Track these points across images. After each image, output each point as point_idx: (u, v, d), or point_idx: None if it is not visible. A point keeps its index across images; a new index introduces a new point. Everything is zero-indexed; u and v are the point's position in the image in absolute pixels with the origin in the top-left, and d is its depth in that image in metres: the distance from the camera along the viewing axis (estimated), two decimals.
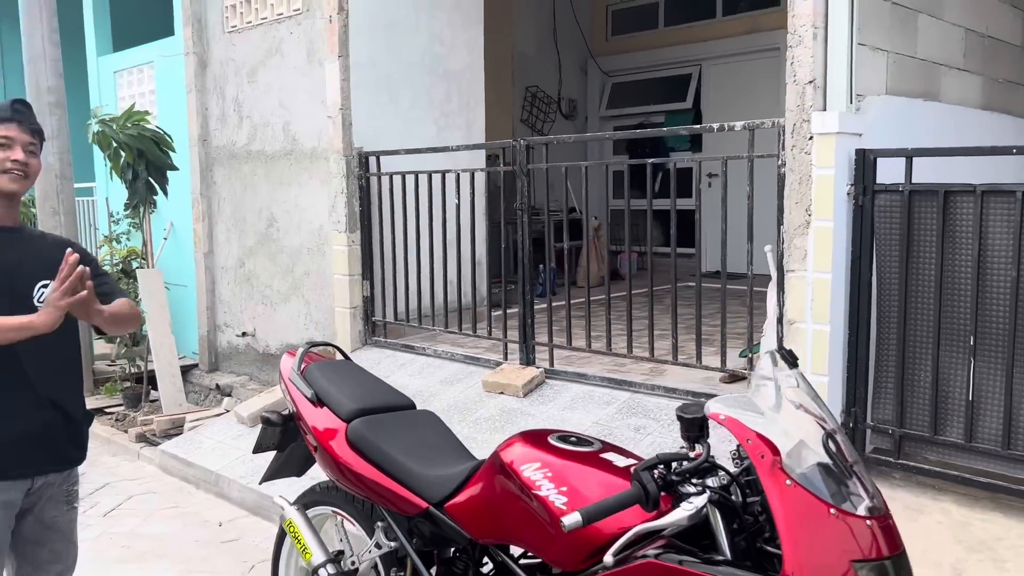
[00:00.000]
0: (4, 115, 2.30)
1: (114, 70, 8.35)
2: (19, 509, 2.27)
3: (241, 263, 6.91)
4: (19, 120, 2.31)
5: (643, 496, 1.64)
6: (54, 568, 2.41)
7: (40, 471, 2.29)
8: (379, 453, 2.33)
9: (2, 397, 2.22)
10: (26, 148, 2.31)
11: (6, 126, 2.29)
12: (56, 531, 2.39)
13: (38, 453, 2.28)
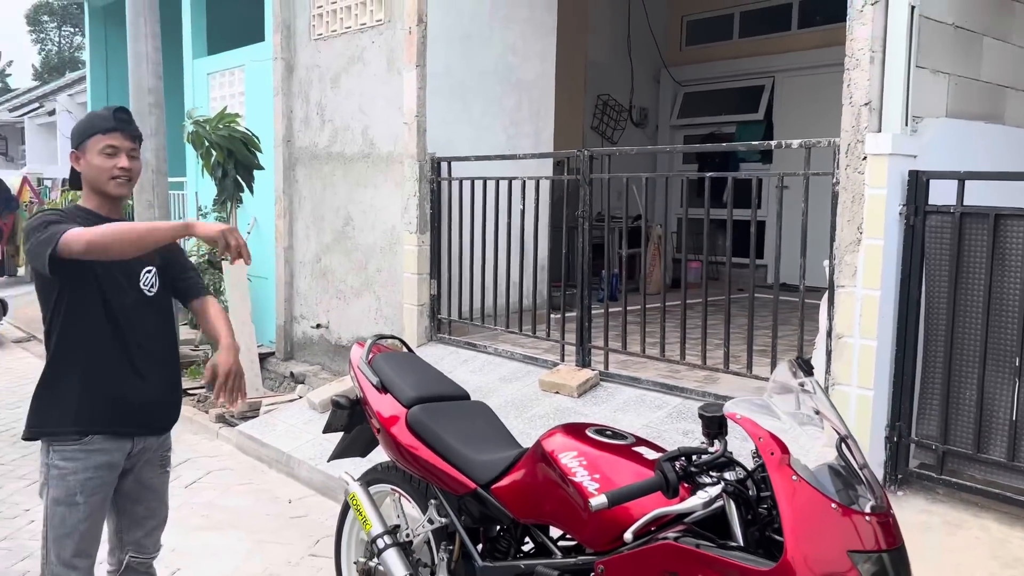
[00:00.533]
0: (108, 125, 2.46)
1: (207, 72, 8.86)
2: (121, 469, 2.51)
3: (318, 258, 7.28)
4: (122, 129, 2.47)
5: (664, 484, 1.83)
6: (149, 523, 2.63)
7: (140, 433, 2.52)
8: (435, 437, 2.56)
9: (110, 366, 2.44)
10: (129, 154, 2.48)
11: (111, 135, 2.45)
12: (151, 491, 2.62)
13: (139, 417, 2.51)
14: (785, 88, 9.49)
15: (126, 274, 2.49)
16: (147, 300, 2.54)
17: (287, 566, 3.83)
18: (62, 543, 2.41)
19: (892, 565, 1.72)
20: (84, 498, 2.41)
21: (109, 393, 2.44)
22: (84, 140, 2.47)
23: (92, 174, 2.47)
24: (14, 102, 25.90)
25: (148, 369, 2.52)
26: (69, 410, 2.41)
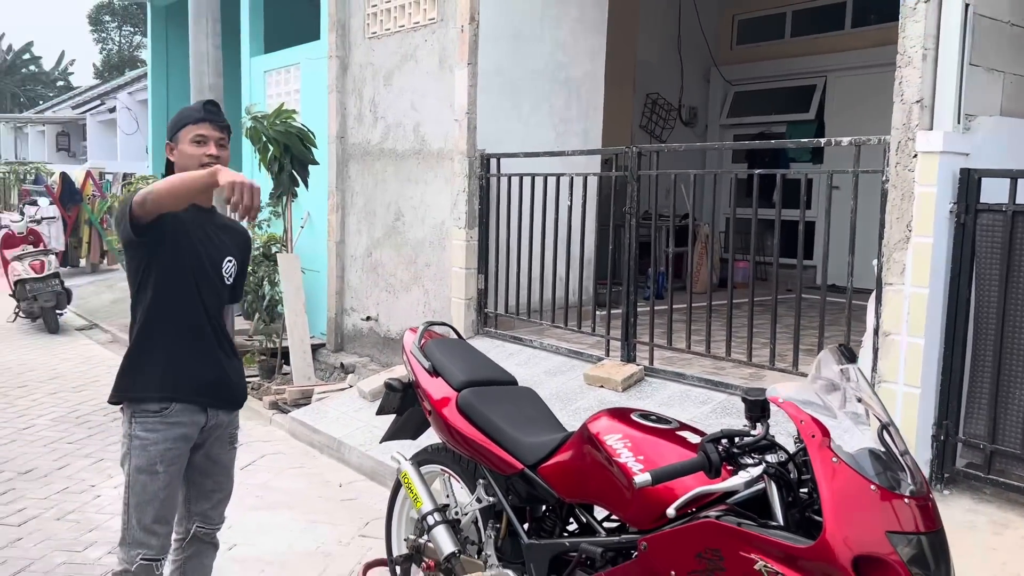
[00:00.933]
0: (198, 116, 2.64)
1: (264, 70, 9.09)
2: (194, 443, 2.65)
3: (369, 252, 7.44)
4: (211, 119, 2.63)
5: (707, 464, 1.90)
6: (216, 496, 2.79)
7: (215, 406, 2.66)
8: (484, 419, 2.66)
9: (193, 343, 2.61)
10: (217, 142, 2.62)
11: (200, 125, 2.61)
12: (220, 465, 2.77)
13: (216, 392, 2.66)
14: (837, 88, 9.40)
15: (212, 260, 2.66)
16: (224, 287, 2.72)
17: (338, 545, 3.96)
18: (143, 509, 2.54)
19: (931, 547, 1.76)
20: (164, 467, 2.55)
21: (190, 367, 2.60)
22: (176, 131, 2.63)
23: (183, 162, 2.60)
24: (77, 99, 26.76)
25: (224, 349, 2.70)
26: (153, 378, 2.56)
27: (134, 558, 2.55)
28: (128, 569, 2.55)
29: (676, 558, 1.98)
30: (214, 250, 2.67)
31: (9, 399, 6.39)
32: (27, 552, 3.80)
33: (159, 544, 2.59)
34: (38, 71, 41.56)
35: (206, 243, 2.66)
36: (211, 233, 2.69)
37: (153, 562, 2.57)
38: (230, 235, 2.80)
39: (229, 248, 2.74)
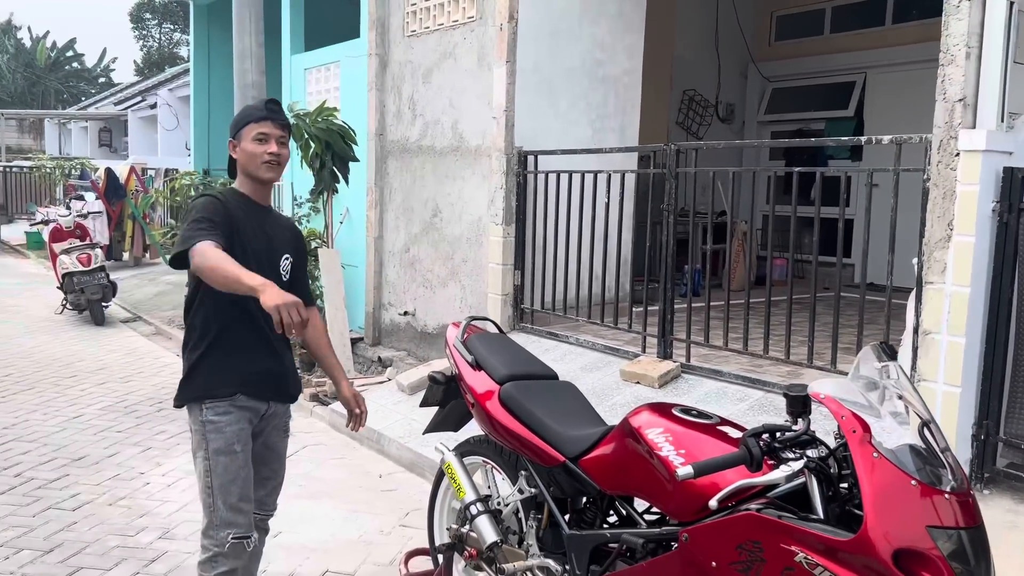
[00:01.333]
0: (260, 114, 2.70)
1: (305, 67, 9.23)
2: (253, 431, 2.74)
3: (407, 248, 7.54)
4: (272, 118, 2.70)
5: (748, 457, 1.94)
6: (271, 483, 2.89)
7: (275, 399, 2.78)
8: (526, 412, 2.72)
9: (253, 342, 2.70)
10: (278, 140, 2.70)
11: (262, 124, 2.68)
12: (275, 453, 2.88)
13: (275, 385, 2.78)
14: (877, 84, 9.30)
15: (269, 258, 2.73)
16: (281, 284, 2.67)
17: (380, 535, 4.06)
18: (228, 489, 2.63)
19: (971, 543, 1.79)
20: (241, 446, 2.66)
21: (250, 364, 2.69)
22: (239, 129, 2.71)
23: (245, 160, 2.70)
24: (119, 96, 27.28)
25: (280, 345, 2.78)
26: (217, 378, 2.66)
27: (225, 538, 2.62)
28: (220, 551, 2.62)
29: (717, 549, 2.02)
30: (270, 248, 2.74)
31: (60, 388, 6.60)
32: (82, 536, 3.94)
33: (247, 522, 2.67)
34: (81, 68, 42.38)
35: (262, 241, 2.72)
36: (267, 231, 2.76)
37: (244, 539, 2.65)
38: (284, 232, 2.87)
39: (285, 245, 2.82)
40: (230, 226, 2.60)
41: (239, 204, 2.71)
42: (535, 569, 2.70)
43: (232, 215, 2.62)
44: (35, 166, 21.92)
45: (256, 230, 2.71)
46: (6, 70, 38.57)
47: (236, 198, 2.74)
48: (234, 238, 2.60)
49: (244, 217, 2.68)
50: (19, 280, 12.99)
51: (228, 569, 2.65)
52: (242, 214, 2.67)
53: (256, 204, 2.75)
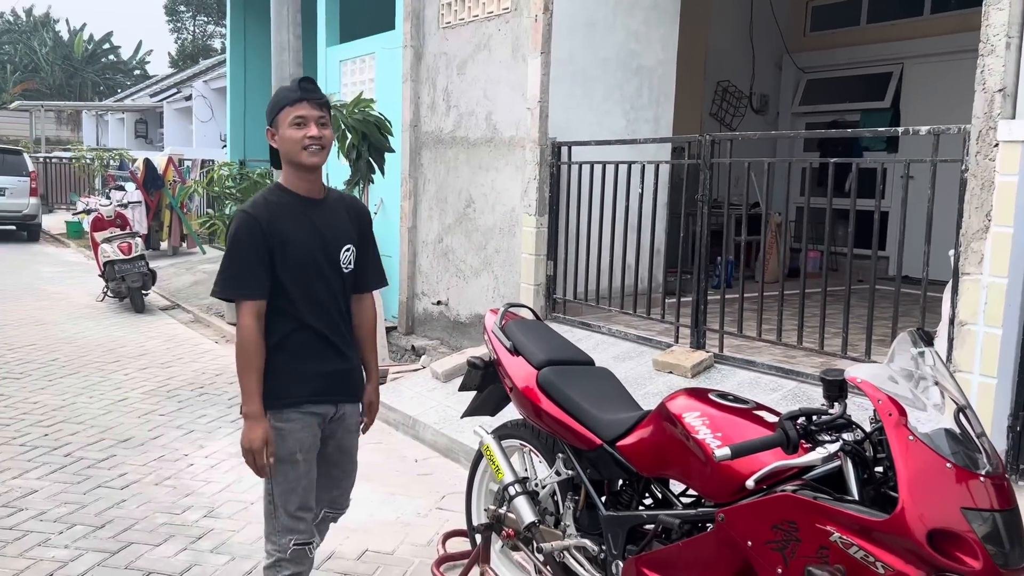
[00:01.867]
0: (295, 95, 2.50)
1: (340, 59, 9.33)
2: (323, 435, 2.66)
3: (440, 239, 7.63)
4: (308, 98, 2.51)
5: (785, 440, 1.99)
6: (344, 483, 2.85)
7: (343, 401, 2.70)
8: (563, 397, 2.78)
9: (315, 344, 2.59)
10: (318, 122, 2.51)
11: (298, 106, 2.49)
12: (347, 454, 2.81)
13: (342, 386, 2.69)
14: (914, 75, 9.21)
15: (327, 256, 2.60)
16: (344, 277, 2.67)
17: (417, 517, 4.15)
18: (287, 498, 2.58)
19: (1005, 525, 1.82)
20: (303, 455, 2.58)
21: (315, 368, 2.60)
22: (274, 115, 2.54)
23: (286, 147, 2.53)
24: (154, 88, 27.72)
25: (344, 342, 2.68)
26: (283, 384, 2.55)
27: (287, 544, 2.59)
28: (282, 557, 2.60)
29: (753, 529, 2.08)
30: (325, 245, 2.60)
31: (104, 373, 6.78)
32: (131, 513, 4.08)
33: (307, 528, 2.63)
34: (117, 60, 43.06)
35: (314, 242, 2.58)
36: (319, 227, 2.60)
37: (306, 545, 2.62)
38: (342, 218, 2.68)
39: (344, 235, 2.66)
40: (269, 246, 2.49)
41: (283, 205, 2.56)
42: (572, 548, 2.76)
43: (271, 230, 2.49)
44: (75, 157, 22.39)
45: (305, 231, 2.56)
46: (44, 62, 39.29)
47: (279, 197, 2.59)
48: (276, 255, 2.50)
49: (289, 220, 2.54)
50: (61, 268, 13.30)
51: (291, 573, 2.63)
52: (287, 216, 2.54)
53: (303, 199, 2.59)
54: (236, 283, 2.51)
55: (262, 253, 2.49)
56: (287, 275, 2.54)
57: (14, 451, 4.89)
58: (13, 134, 32.34)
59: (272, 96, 2.67)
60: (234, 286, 2.52)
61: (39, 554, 3.62)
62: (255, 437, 2.48)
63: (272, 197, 2.61)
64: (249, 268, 2.49)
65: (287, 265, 2.53)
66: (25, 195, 16.56)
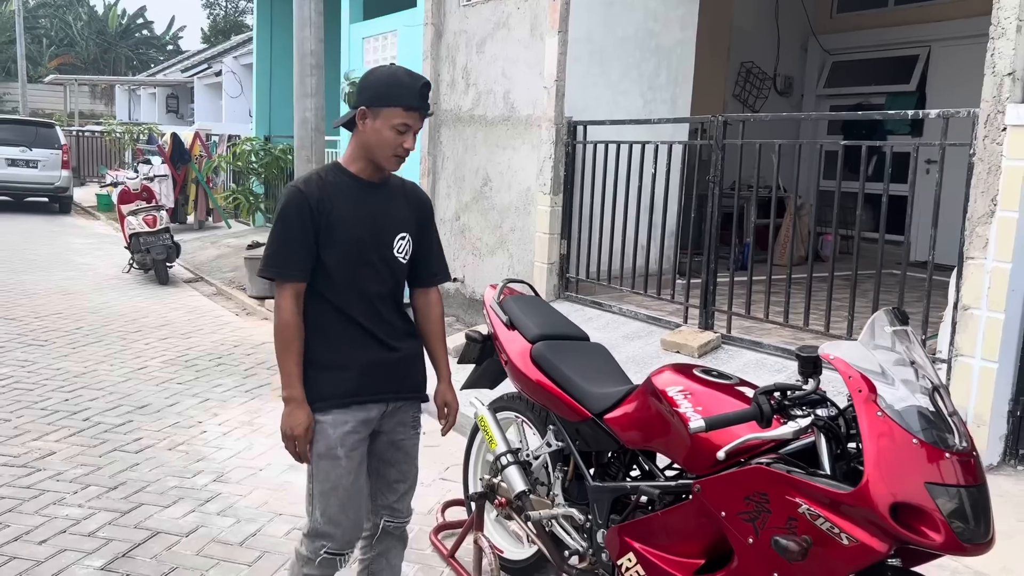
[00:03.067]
0: (413, 103, 2.33)
1: (363, 36, 9.38)
2: (373, 430, 2.51)
3: (457, 216, 7.69)
4: (422, 109, 2.36)
5: (759, 414, 2.03)
6: (401, 487, 2.63)
7: (394, 399, 2.53)
8: (555, 370, 2.84)
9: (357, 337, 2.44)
10: (415, 133, 2.38)
11: (411, 114, 2.33)
12: (403, 452, 2.61)
13: (385, 380, 2.49)
14: (941, 58, 9.07)
15: (376, 243, 2.45)
16: (398, 267, 2.51)
17: (420, 486, 4.19)
18: (327, 498, 2.42)
19: (970, 501, 1.85)
20: (344, 452, 2.41)
21: (356, 359, 2.44)
22: (382, 106, 2.34)
23: (374, 142, 2.37)
24: (185, 63, 27.96)
25: (393, 334, 2.51)
26: (320, 381, 2.41)
27: (318, 550, 2.46)
28: (311, 559, 2.48)
29: (726, 500, 2.13)
30: (377, 231, 2.46)
31: (125, 342, 6.95)
32: (143, 476, 4.22)
33: (343, 537, 2.47)
34: (150, 36, 43.42)
35: (366, 226, 2.43)
36: (375, 212, 2.46)
37: (337, 556, 2.48)
38: (401, 206, 2.53)
39: (401, 223, 2.51)
40: (316, 225, 2.36)
41: (339, 185, 2.42)
42: (560, 517, 2.83)
43: (320, 208, 2.36)
44: (105, 131, 22.71)
45: (357, 215, 2.42)
46: (79, 37, 39.75)
47: (337, 177, 2.44)
48: (322, 236, 2.38)
49: (343, 201, 2.41)
50: (90, 240, 13.56)
51: (317, 575, 2.51)
52: (341, 197, 2.40)
53: (361, 181, 2.45)
54: (277, 261, 2.38)
55: (308, 232, 2.36)
56: (331, 258, 2.39)
57: (35, 414, 5.06)
58: (48, 107, 32.85)
59: (382, 76, 2.39)
60: (275, 264, 2.39)
61: (53, 512, 3.77)
62: (297, 423, 2.36)
63: (328, 176, 2.45)
64: (292, 247, 2.37)
65: (333, 248, 2.39)
66: (57, 168, 16.86)
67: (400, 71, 2.40)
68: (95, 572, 3.27)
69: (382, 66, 2.48)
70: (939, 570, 2.91)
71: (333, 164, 2.51)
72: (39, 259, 11.12)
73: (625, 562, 2.46)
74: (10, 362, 6.16)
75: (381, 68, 2.45)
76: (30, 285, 9.25)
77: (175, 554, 3.44)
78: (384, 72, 2.41)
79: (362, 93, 2.40)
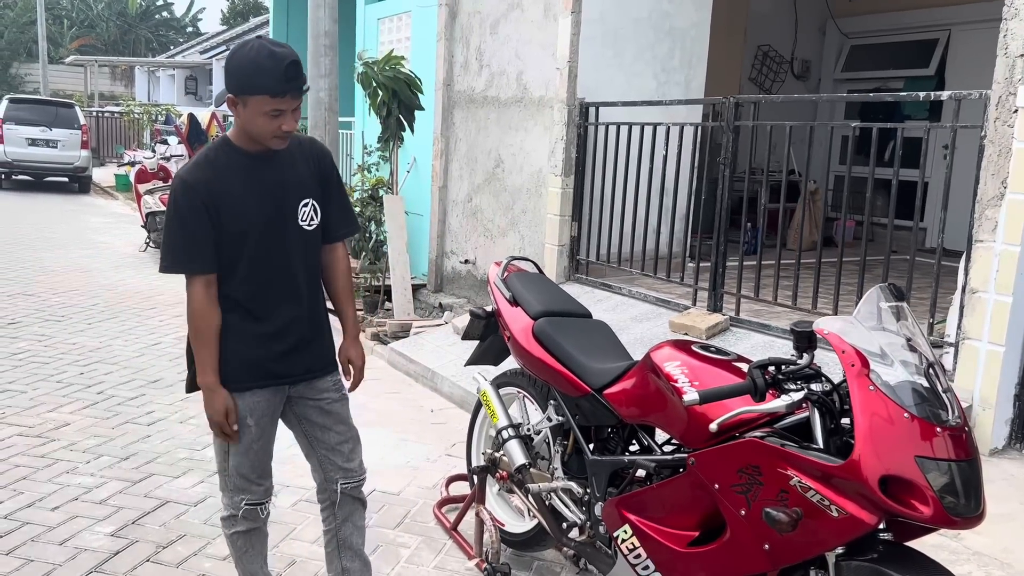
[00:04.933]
0: (279, 89, 2.24)
1: (378, 17, 9.39)
2: (294, 396, 2.55)
3: (469, 198, 7.71)
4: (292, 90, 2.27)
5: (753, 387, 2.04)
6: (345, 447, 2.64)
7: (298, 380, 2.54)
8: (557, 346, 2.86)
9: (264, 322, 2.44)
10: (293, 112, 2.30)
11: (279, 100, 2.25)
12: (334, 415, 2.61)
13: (298, 364, 2.52)
14: (961, 41, 8.96)
15: (280, 214, 2.41)
16: (305, 236, 2.48)
17: (426, 461, 4.29)
18: (240, 460, 2.52)
19: (960, 475, 1.85)
20: (254, 420, 2.48)
21: (263, 350, 2.45)
22: (248, 95, 2.26)
23: (253, 130, 2.33)
24: (204, 45, 28.06)
25: (293, 315, 2.49)
26: (230, 370, 2.42)
27: (239, 503, 2.57)
28: (235, 514, 2.59)
29: (720, 472, 2.15)
30: (279, 202, 2.41)
31: (140, 319, 7.04)
32: (155, 447, 4.29)
33: (258, 489, 2.58)
34: (170, 17, 43.55)
35: (267, 201, 2.39)
36: (272, 184, 2.41)
37: (257, 506, 2.59)
38: (298, 170, 2.47)
39: (301, 188, 2.46)
40: (210, 213, 2.32)
41: (231, 163, 2.37)
42: (559, 491, 2.86)
43: (212, 195, 2.32)
44: (124, 111, 22.85)
45: (255, 190, 2.38)
46: (100, 18, 39.95)
47: (227, 155, 2.39)
48: (222, 218, 2.33)
49: (237, 180, 2.36)
50: (108, 219, 13.70)
51: (245, 529, 2.62)
52: (233, 178, 2.36)
53: (253, 155, 2.39)
54: (183, 256, 2.36)
55: (204, 222, 2.32)
56: (232, 244, 2.37)
57: (51, 387, 5.15)
58: (69, 88, 33.08)
59: (243, 62, 2.26)
60: (181, 260, 2.36)
61: (66, 480, 3.85)
62: (217, 408, 2.41)
63: (220, 156, 2.40)
64: (193, 240, 2.33)
65: (232, 233, 2.35)
66: (77, 148, 17.01)
67: (262, 53, 2.25)
68: (105, 538, 3.34)
69: (246, 43, 2.31)
70: (938, 550, 2.92)
71: (223, 139, 2.45)
72: (58, 237, 11.26)
73: (621, 534, 2.48)
74: (28, 336, 6.26)
75: (242, 49, 2.29)
76: (49, 262, 9.37)
77: (183, 522, 3.51)
78: (244, 56, 2.27)
79: (227, 80, 2.31)
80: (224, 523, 2.66)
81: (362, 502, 2.73)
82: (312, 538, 3.41)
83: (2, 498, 3.63)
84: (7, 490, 3.71)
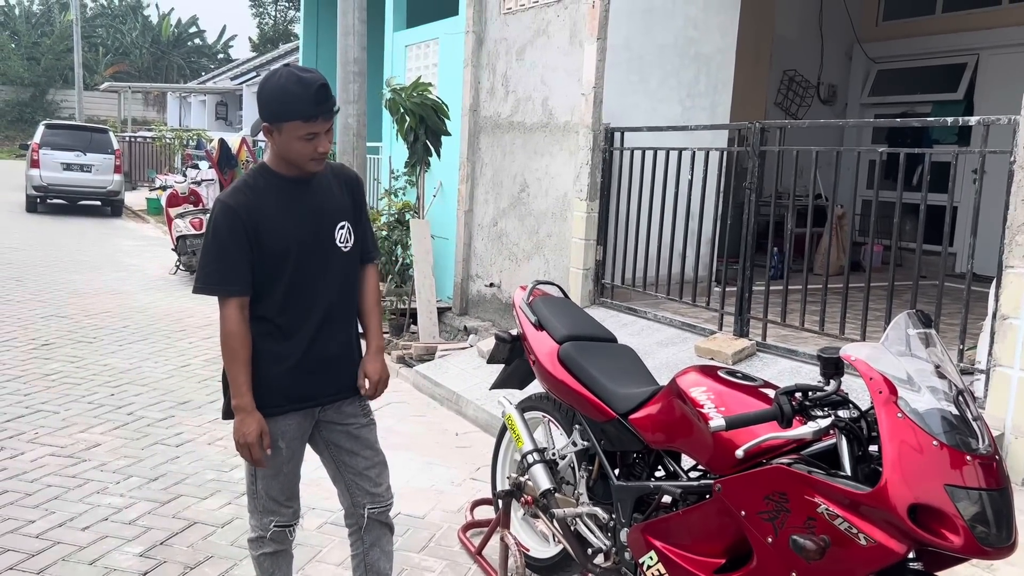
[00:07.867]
0: (310, 112, 2.31)
1: (405, 44, 9.53)
2: (324, 420, 2.58)
3: (495, 222, 7.75)
4: (324, 113, 2.35)
5: (779, 414, 2.04)
6: (373, 471, 2.66)
7: (328, 401, 2.57)
8: (582, 371, 2.87)
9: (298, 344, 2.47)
10: (327, 134, 2.38)
11: (312, 123, 2.33)
12: (362, 440, 2.65)
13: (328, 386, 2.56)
14: (990, 66, 8.91)
15: (318, 238, 2.47)
16: (342, 258, 2.54)
17: (451, 485, 4.29)
18: (270, 483, 2.56)
19: (992, 505, 1.83)
20: (285, 443, 2.52)
21: (304, 370, 2.48)
22: (281, 122, 2.35)
23: (289, 155, 2.41)
24: (235, 71, 28.59)
25: (330, 334, 2.53)
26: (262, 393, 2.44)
27: (267, 525, 2.60)
28: (263, 535, 2.62)
29: (746, 499, 2.14)
30: (317, 226, 2.49)
31: (170, 341, 7.13)
32: (183, 468, 4.34)
33: (290, 512, 2.63)
34: (202, 44, 44.47)
35: (305, 224, 2.46)
36: (310, 208, 2.48)
37: (286, 528, 2.63)
38: (333, 194, 2.55)
39: (338, 212, 2.53)
40: (250, 237, 2.38)
41: (270, 188, 2.44)
42: (584, 516, 2.86)
43: (252, 219, 2.38)
44: (156, 136, 23.29)
45: (294, 213, 2.45)
46: (134, 46, 40.86)
47: (266, 179, 2.46)
48: (258, 246, 2.39)
49: (276, 204, 2.43)
50: (139, 242, 13.92)
51: (272, 551, 2.64)
52: (273, 202, 2.42)
53: (291, 180, 2.46)
54: (219, 278, 2.39)
55: (243, 245, 2.37)
56: (273, 265, 2.42)
57: (83, 408, 5.23)
58: (103, 114, 33.81)
59: (274, 91, 2.35)
60: (217, 282, 2.40)
61: (96, 500, 3.90)
62: (249, 431, 2.40)
63: (258, 181, 2.46)
64: (231, 262, 2.38)
65: (273, 254, 2.41)
66: (110, 172, 17.34)
67: (291, 80, 2.33)
68: (134, 558, 3.38)
69: (275, 72, 2.40)
70: None
71: (260, 166, 2.52)
72: (90, 260, 11.46)
73: (647, 560, 2.47)
74: (60, 358, 6.37)
75: (272, 78, 2.38)
76: (81, 285, 9.54)
77: (211, 544, 3.54)
78: (274, 85, 2.36)
79: (260, 110, 2.40)
80: (251, 544, 2.69)
81: (389, 527, 2.75)
82: (338, 560, 3.43)
83: (34, 517, 3.69)
84: (39, 509, 3.77)
